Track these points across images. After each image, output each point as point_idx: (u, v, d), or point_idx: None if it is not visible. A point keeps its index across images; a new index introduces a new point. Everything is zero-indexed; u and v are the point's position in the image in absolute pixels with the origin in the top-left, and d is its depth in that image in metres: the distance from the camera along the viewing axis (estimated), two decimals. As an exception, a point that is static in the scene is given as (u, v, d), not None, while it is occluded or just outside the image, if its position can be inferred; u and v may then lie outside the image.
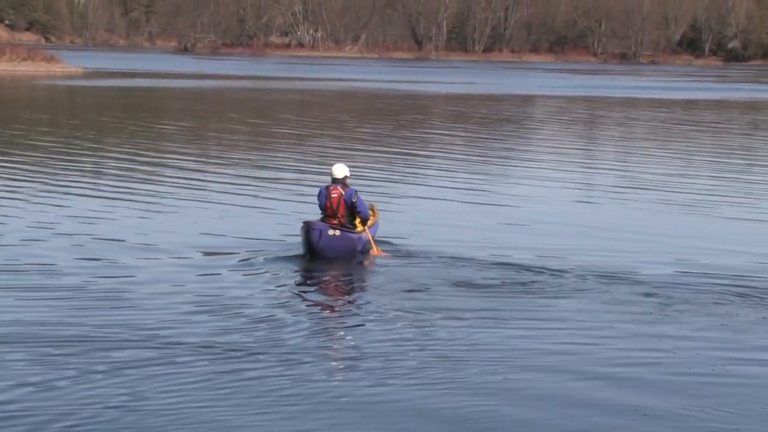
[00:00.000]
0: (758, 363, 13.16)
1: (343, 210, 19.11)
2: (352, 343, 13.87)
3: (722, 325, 14.69)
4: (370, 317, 15.08)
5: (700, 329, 14.46)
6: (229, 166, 32.54)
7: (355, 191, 19.32)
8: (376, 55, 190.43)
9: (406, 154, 38.01)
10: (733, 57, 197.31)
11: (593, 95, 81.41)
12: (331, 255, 18.67)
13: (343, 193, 19.12)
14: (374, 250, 19.22)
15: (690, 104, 72.58)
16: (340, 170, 19.37)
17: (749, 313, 15.30)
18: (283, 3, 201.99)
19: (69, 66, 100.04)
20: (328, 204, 19.14)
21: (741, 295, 16.36)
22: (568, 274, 17.48)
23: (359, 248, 19.19)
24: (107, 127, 46.20)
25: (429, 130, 48.21)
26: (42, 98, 68.10)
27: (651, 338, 13.98)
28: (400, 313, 15.15)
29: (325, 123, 51.23)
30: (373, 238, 19.39)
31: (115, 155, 34.97)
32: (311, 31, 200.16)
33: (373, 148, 39.28)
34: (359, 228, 19.36)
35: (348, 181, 19.40)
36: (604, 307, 15.55)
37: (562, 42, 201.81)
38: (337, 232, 18.68)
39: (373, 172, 31.48)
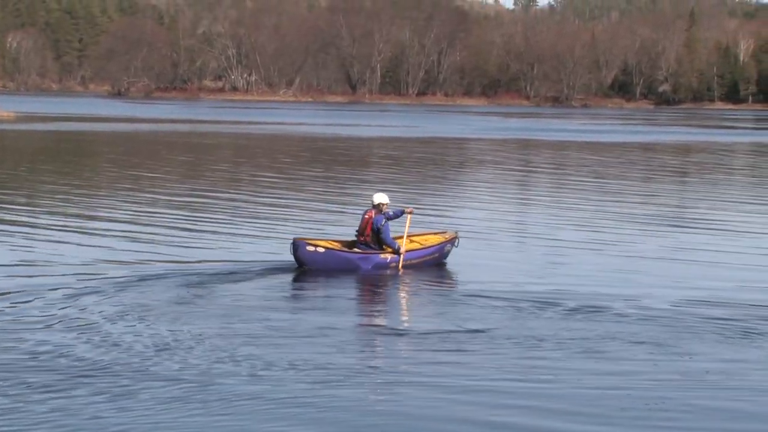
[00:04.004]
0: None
1: (369, 231, 22.15)
2: (181, 363, 14.19)
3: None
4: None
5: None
6: (145, 204, 32.34)
7: (384, 220, 22.00)
8: (310, 99, 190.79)
9: (338, 197, 38.01)
10: (663, 100, 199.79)
11: (527, 138, 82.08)
12: (315, 267, 21.48)
13: (374, 217, 22.04)
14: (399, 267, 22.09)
15: (618, 147, 73.28)
16: (378, 198, 22.33)
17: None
18: (217, 47, 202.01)
19: (0, 111, 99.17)
20: (361, 224, 22.23)
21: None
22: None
23: (366, 267, 21.87)
24: (30, 169, 45.81)
25: (362, 173, 48.25)
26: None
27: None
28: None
29: (251, 165, 51.13)
30: (402, 261, 22.15)
31: (29, 193, 34.74)
32: (245, 75, 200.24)
33: (296, 192, 39.24)
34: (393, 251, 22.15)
35: (385, 209, 22.10)
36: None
37: (495, 85, 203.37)
38: (320, 249, 21.58)
39: (297, 212, 31.47)
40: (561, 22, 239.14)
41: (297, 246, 21.58)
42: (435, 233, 23.84)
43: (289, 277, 21.08)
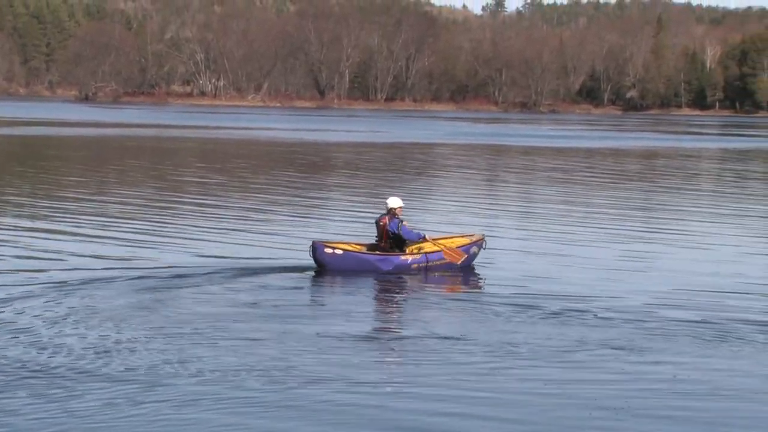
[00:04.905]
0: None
1: (386, 237, 22.00)
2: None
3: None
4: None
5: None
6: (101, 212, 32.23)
7: (399, 222, 21.91)
8: (278, 104, 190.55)
9: (308, 201, 37.96)
10: (631, 106, 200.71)
11: (496, 143, 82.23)
12: (333, 268, 21.48)
13: (389, 223, 21.94)
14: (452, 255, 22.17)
15: (586, 152, 73.52)
16: (392, 202, 22.26)
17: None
18: (185, 52, 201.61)
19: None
20: (378, 231, 22.14)
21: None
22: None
23: (386, 268, 21.63)
24: None
25: (328, 178, 48.24)
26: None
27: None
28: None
29: (214, 169, 51.04)
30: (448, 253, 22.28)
31: None
32: (213, 80, 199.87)
33: (261, 196, 39.14)
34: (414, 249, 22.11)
35: (399, 212, 22.04)
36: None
37: (463, 91, 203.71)
38: (338, 251, 21.52)
39: (261, 224, 31.36)
40: (529, 27, 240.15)
41: (315, 248, 21.62)
42: (461, 236, 23.76)
43: (261, 280, 20.75)
